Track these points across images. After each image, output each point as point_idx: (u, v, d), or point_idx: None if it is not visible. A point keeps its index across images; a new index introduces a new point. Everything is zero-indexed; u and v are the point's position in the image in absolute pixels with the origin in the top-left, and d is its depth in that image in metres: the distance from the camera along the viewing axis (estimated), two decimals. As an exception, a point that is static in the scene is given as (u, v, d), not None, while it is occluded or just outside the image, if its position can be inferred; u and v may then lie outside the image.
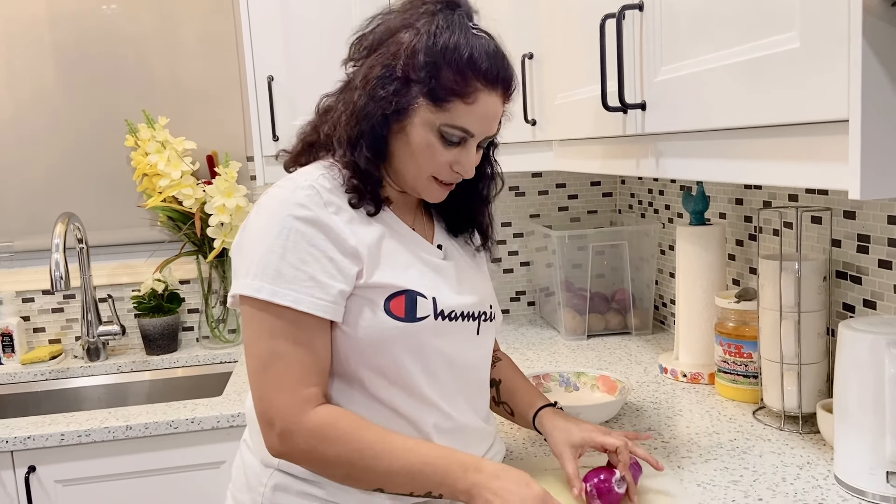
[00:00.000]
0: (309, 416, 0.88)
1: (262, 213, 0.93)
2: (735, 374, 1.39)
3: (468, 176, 1.00)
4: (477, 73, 0.93)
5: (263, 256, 0.89)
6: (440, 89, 0.92)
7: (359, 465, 0.89)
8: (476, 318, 1.03)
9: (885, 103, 0.61)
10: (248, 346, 0.92)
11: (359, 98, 0.94)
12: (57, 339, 2.12)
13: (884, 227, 1.18)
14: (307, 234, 0.90)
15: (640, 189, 2.10)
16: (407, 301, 0.94)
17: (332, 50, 1.77)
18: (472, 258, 1.11)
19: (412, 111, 0.93)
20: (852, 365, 1.00)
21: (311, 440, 0.88)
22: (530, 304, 2.29)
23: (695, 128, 0.90)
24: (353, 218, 0.94)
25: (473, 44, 0.93)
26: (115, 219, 2.10)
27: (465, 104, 0.93)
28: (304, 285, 0.89)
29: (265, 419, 0.90)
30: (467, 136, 0.96)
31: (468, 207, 1.08)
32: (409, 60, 0.92)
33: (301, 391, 0.89)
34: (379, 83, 0.93)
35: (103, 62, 2.06)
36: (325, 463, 0.90)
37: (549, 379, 1.47)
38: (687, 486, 1.06)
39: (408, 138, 0.95)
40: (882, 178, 0.62)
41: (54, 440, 1.50)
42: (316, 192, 0.92)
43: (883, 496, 0.98)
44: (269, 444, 0.90)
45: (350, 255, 0.92)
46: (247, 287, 0.89)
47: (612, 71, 1.07)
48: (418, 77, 0.92)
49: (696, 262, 1.53)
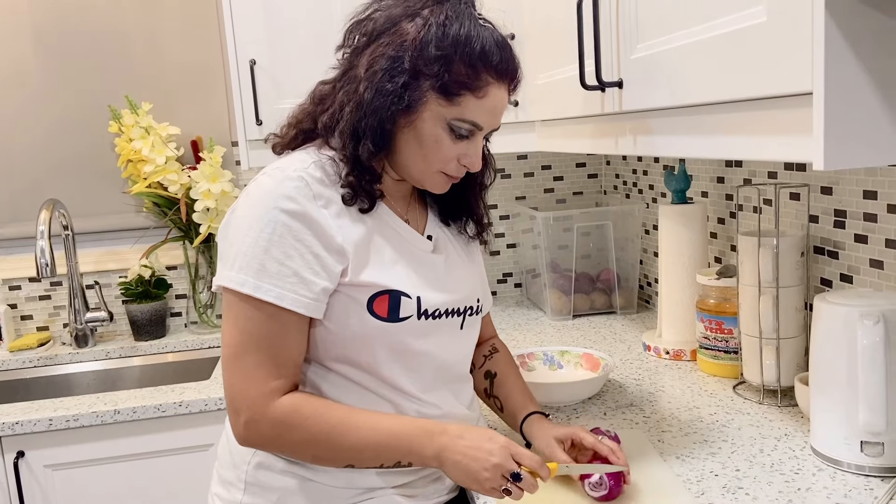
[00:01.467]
0: (274, 406, 0.90)
1: (249, 202, 0.91)
2: (716, 350, 1.41)
3: (475, 169, 0.98)
4: (488, 66, 0.91)
5: (249, 248, 0.89)
6: (452, 83, 0.90)
7: (325, 445, 0.90)
8: (461, 313, 1.03)
9: (848, 75, 0.62)
10: (224, 333, 0.92)
11: (364, 90, 0.91)
12: (45, 327, 2.12)
13: (859, 202, 1.20)
14: (293, 229, 0.89)
15: (625, 169, 2.12)
16: (391, 301, 0.94)
17: (314, 33, 1.77)
18: (465, 248, 1.09)
19: (421, 106, 0.91)
20: (827, 337, 1.02)
21: (277, 428, 0.90)
22: (517, 286, 2.30)
23: (669, 104, 0.91)
24: (342, 211, 0.93)
25: (483, 35, 0.91)
26: (100, 205, 2.10)
27: (475, 98, 0.92)
28: (288, 281, 0.88)
29: (232, 407, 0.91)
30: (476, 130, 0.95)
31: (463, 195, 1.07)
32: (418, 53, 0.90)
33: (269, 383, 0.90)
34: (386, 75, 0.90)
35: (85, 47, 2.05)
36: (292, 447, 0.92)
37: (534, 358, 1.48)
38: (669, 463, 1.08)
39: (416, 132, 0.93)
40: (845, 148, 0.63)
41: (42, 425, 1.50)
42: (305, 183, 0.90)
43: (858, 465, 1.00)
44: (235, 431, 0.92)
45: (335, 253, 0.91)
46: (230, 280, 0.89)
47: (589, 50, 1.08)
48: (430, 70, 0.90)
49: (678, 240, 1.55)
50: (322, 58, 1.82)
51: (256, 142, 1.77)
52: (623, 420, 1.24)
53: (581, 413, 1.29)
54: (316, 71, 1.04)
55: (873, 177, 1.16)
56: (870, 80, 0.63)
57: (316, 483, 0.96)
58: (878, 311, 0.96)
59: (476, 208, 1.09)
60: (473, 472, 0.90)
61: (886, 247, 1.15)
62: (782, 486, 0.98)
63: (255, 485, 0.98)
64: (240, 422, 0.90)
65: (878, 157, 0.64)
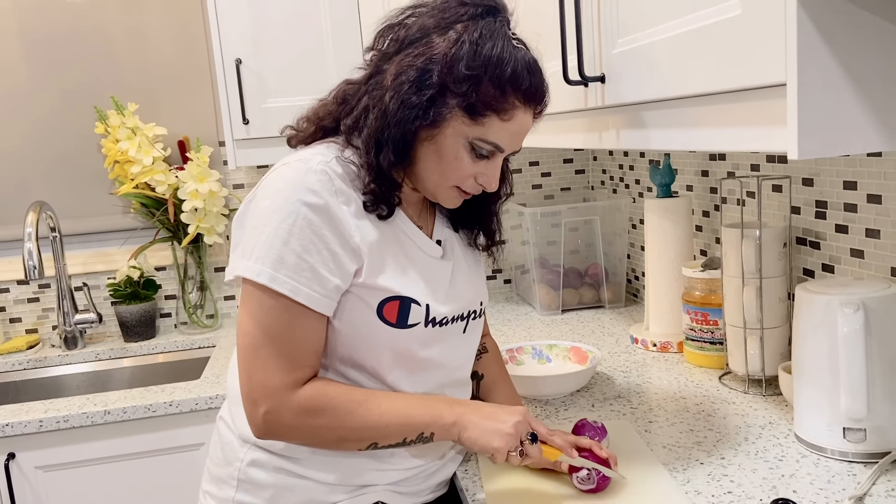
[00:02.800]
0: (297, 394, 0.90)
1: (270, 192, 0.90)
2: (702, 342, 1.43)
3: (491, 189, 0.97)
4: (517, 90, 0.90)
5: (268, 238, 0.88)
6: (478, 104, 0.89)
7: (350, 426, 0.91)
8: (465, 318, 1.03)
9: (821, 66, 0.63)
10: (242, 322, 0.91)
11: (390, 100, 0.89)
12: (34, 329, 2.12)
13: (840, 193, 1.21)
14: (314, 223, 0.88)
15: (612, 165, 2.13)
16: (401, 307, 0.94)
17: (300, 31, 1.78)
18: (471, 252, 1.09)
19: (445, 122, 0.90)
20: (808, 326, 1.04)
21: (301, 415, 0.90)
22: (507, 282, 2.31)
23: (650, 98, 0.92)
24: (360, 210, 0.92)
25: (516, 57, 0.90)
26: (87, 207, 2.09)
27: (500, 120, 0.91)
28: (304, 276, 0.88)
29: (250, 398, 0.90)
30: (497, 151, 0.94)
31: (476, 206, 1.05)
32: (447, 69, 0.88)
33: (291, 373, 0.90)
34: (413, 87, 0.88)
35: (70, 48, 2.04)
36: (315, 433, 0.91)
37: (522, 352, 1.49)
38: (656, 452, 1.09)
39: (436, 147, 0.92)
40: (819, 138, 0.64)
41: (33, 427, 1.50)
42: (328, 177, 0.90)
43: (841, 452, 1.02)
44: (253, 423, 0.91)
45: (351, 252, 0.91)
46: (247, 269, 0.89)
47: (571, 45, 1.09)
48: (458, 89, 0.88)
49: (663, 233, 1.56)
50: (308, 57, 1.83)
51: (243, 141, 1.77)
52: (611, 411, 1.25)
53: (569, 405, 1.30)
54: (302, 70, 1.04)
55: (853, 167, 1.18)
56: (843, 70, 0.64)
57: (309, 480, 0.97)
58: (858, 300, 0.98)
59: (488, 221, 1.08)
60: (496, 430, 0.92)
61: (866, 236, 1.17)
62: (766, 473, 1.00)
63: (247, 482, 0.98)
64: (258, 413, 0.90)
65: (852, 146, 0.65)
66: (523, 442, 0.94)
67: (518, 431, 0.93)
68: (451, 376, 1.03)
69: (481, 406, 0.97)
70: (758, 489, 0.96)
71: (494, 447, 0.92)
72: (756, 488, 0.96)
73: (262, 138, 1.77)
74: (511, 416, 0.94)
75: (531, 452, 0.94)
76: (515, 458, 0.94)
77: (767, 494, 0.94)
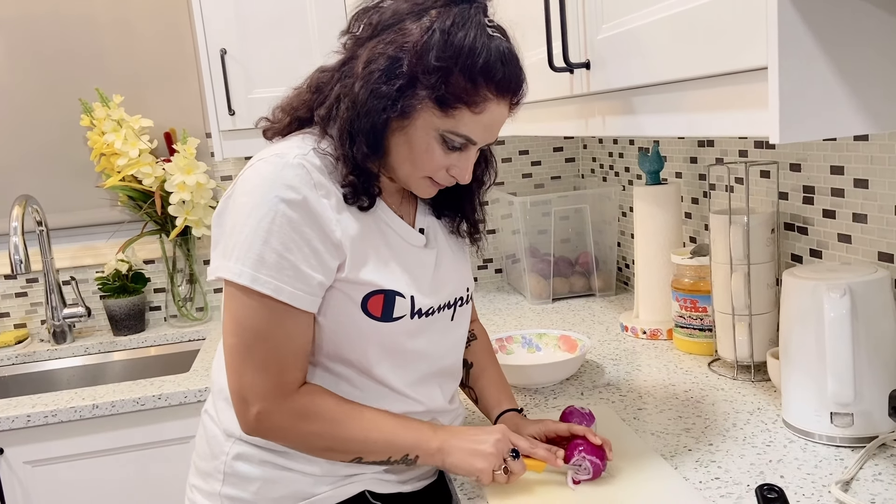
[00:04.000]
0: (293, 398, 0.90)
1: (247, 189, 0.88)
2: (691, 329, 1.43)
3: (464, 181, 0.95)
4: (489, 82, 0.87)
5: (247, 238, 0.86)
6: (448, 96, 0.86)
7: (340, 437, 0.91)
8: (451, 305, 1.03)
9: (802, 49, 0.63)
10: (228, 322, 0.90)
11: (360, 89, 0.87)
12: (22, 324, 2.10)
13: (827, 178, 1.21)
14: (293, 220, 0.86)
15: (601, 153, 2.12)
16: (385, 301, 0.93)
17: (285, 21, 1.76)
18: (454, 239, 1.08)
19: (415, 113, 0.88)
20: (796, 311, 1.04)
21: (293, 419, 0.90)
22: (497, 272, 2.31)
23: (635, 83, 0.91)
24: (341, 203, 0.90)
25: (489, 47, 0.87)
26: (74, 200, 2.08)
27: (472, 113, 0.88)
28: (286, 274, 0.87)
29: (240, 397, 0.89)
30: (469, 144, 0.92)
31: (457, 193, 1.03)
32: (418, 59, 0.85)
33: (284, 375, 0.89)
34: (382, 77, 0.86)
35: (54, 40, 2.02)
36: (304, 438, 0.92)
37: (512, 341, 1.49)
38: (644, 439, 1.09)
39: (407, 138, 0.90)
40: (800, 121, 0.63)
41: (21, 422, 1.50)
42: (306, 171, 0.87)
43: (828, 437, 1.02)
44: (243, 421, 0.90)
45: (333, 247, 0.89)
46: (227, 270, 0.87)
47: (556, 31, 1.08)
48: (427, 80, 0.86)
49: (652, 221, 1.56)
50: (293, 46, 1.81)
51: (230, 132, 1.76)
52: (600, 399, 1.25)
53: (559, 394, 1.30)
54: (287, 60, 1.01)
55: (840, 152, 1.17)
56: (824, 53, 0.63)
57: (295, 472, 0.96)
58: (845, 284, 0.98)
59: (469, 209, 1.06)
60: (478, 452, 0.93)
61: (854, 221, 1.17)
62: (754, 458, 1.00)
63: (233, 476, 0.98)
64: (250, 412, 0.89)
65: (834, 129, 0.65)
66: (506, 459, 0.94)
67: (499, 451, 0.94)
68: (439, 364, 1.02)
69: (462, 430, 0.97)
70: (745, 475, 0.96)
71: (478, 469, 0.93)
72: (743, 474, 0.96)
73: (248, 129, 1.75)
74: (491, 435, 0.95)
75: (514, 468, 0.95)
76: (501, 477, 0.94)
77: (755, 480, 0.94)
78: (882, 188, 1.10)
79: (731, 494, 0.91)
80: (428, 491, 1.06)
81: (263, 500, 0.96)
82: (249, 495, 0.97)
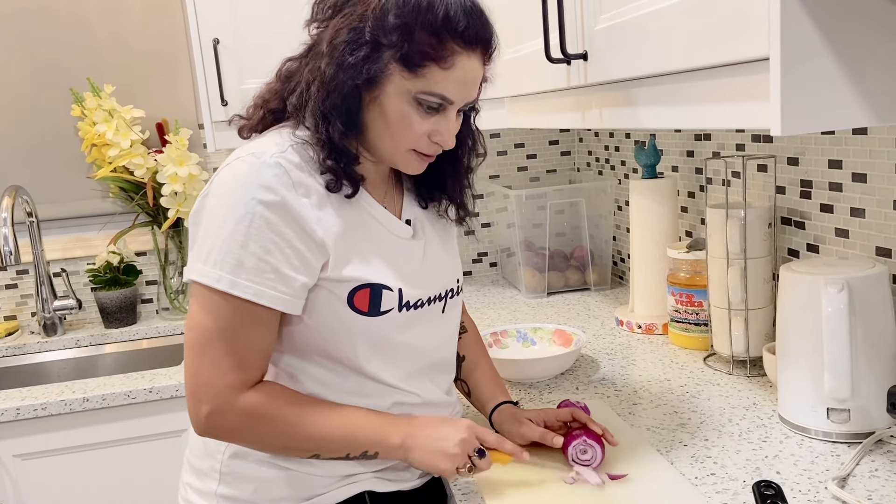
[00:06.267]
0: (244, 397, 0.87)
1: (223, 191, 0.86)
2: (687, 323, 1.42)
3: (448, 146, 0.92)
4: (453, 33, 0.85)
5: (224, 242, 0.84)
6: (414, 54, 0.84)
7: (293, 435, 0.89)
8: (442, 298, 1.01)
9: (805, 39, 0.61)
10: (190, 317, 0.88)
11: (326, 66, 0.85)
12: (12, 316, 2.08)
13: (825, 172, 1.20)
14: (272, 222, 0.84)
15: (597, 146, 2.11)
16: (372, 295, 0.91)
17: (279, 9, 1.73)
18: (442, 228, 1.05)
19: (385, 79, 0.85)
20: (793, 306, 1.03)
21: (245, 419, 0.88)
22: (492, 265, 2.30)
23: (632, 75, 0.90)
24: (322, 200, 0.88)
25: (448, 1, 0.85)
26: (65, 191, 2.05)
27: (441, 69, 0.85)
28: (267, 277, 0.85)
29: (194, 395, 0.87)
30: (445, 104, 0.89)
31: (442, 176, 1.01)
32: (378, 22, 0.84)
33: (238, 374, 0.87)
34: (347, 49, 0.84)
35: (44, 28, 1.99)
36: (257, 438, 0.90)
37: (507, 335, 1.48)
38: (641, 432, 1.08)
39: (381, 109, 0.87)
40: (801, 113, 0.62)
41: (10, 415, 1.48)
42: (284, 170, 0.85)
43: (825, 432, 1.01)
44: (194, 420, 0.88)
45: (316, 247, 0.87)
46: (204, 275, 0.85)
47: (553, 22, 1.07)
48: (389, 41, 0.84)
49: (648, 214, 1.55)
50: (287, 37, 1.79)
51: (222, 123, 1.74)
52: (595, 393, 1.25)
53: (553, 388, 1.29)
54: (281, 49, 1.00)
55: (838, 146, 1.17)
56: (826, 44, 0.62)
57: (294, 472, 0.94)
58: (843, 279, 0.97)
59: (455, 192, 1.03)
60: (442, 451, 0.91)
61: (851, 215, 1.16)
62: (750, 454, 0.99)
63: (230, 475, 0.96)
64: (201, 411, 0.87)
65: (836, 121, 0.64)
66: (471, 457, 0.92)
67: (463, 450, 0.92)
68: (432, 358, 1.01)
69: (428, 423, 0.94)
70: (741, 470, 0.95)
71: (442, 469, 0.92)
72: (739, 470, 0.95)
73: (241, 120, 1.73)
74: (457, 432, 0.92)
75: (480, 465, 0.93)
76: (465, 474, 0.93)
77: (751, 476, 0.93)
78: (881, 182, 1.09)
79: (727, 490, 0.91)
80: (424, 489, 1.05)
81: (261, 500, 0.95)
82: (246, 495, 0.95)
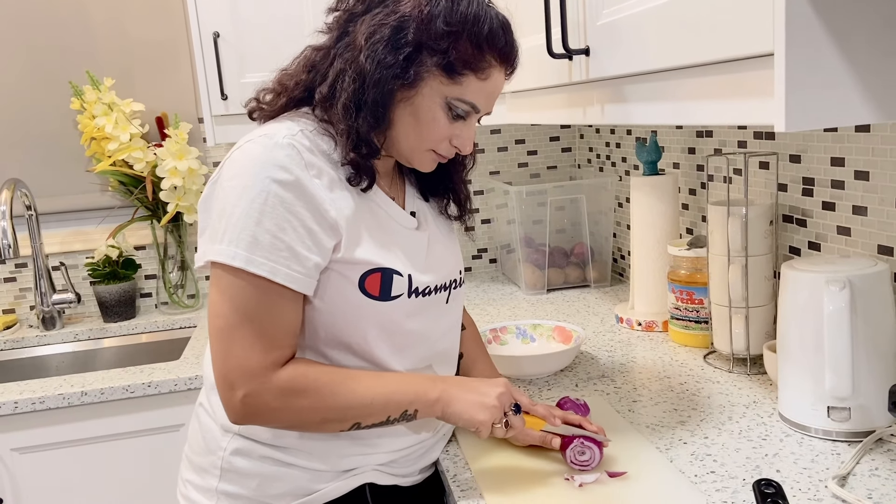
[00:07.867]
0: (278, 375, 0.86)
1: (236, 171, 0.86)
2: (687, 321, 1.42)
3: (466, 151, 0.96)
4: (493, 48, 0.90)
5: (239, 220, 0.84)
6: (457, 62, 0.88)
7: (333, 405, 0.88)
8: (447, 288, 1.01)
9: (809, 35, 0.61)
10: (212, 304, 0.88)
11: (366, 60, 0.86)
12: (11, 310, 2.08)
13: (827, 170, 1.19)
14: (286, 200, 0.84)
15: (598, 142, 2.11)
16: (383, 279, 0.91)
17: (278, 4, 1.73)
18: (444, 222, 1.07)
19: (422, 81, 0.88)
20: (794, 304, 1.02)
21: (282, 396, 0.87)
22: (492, 262, 2.29)
23: (635, 70, 0.90)
24: (334, 182, 0.89)
25: (491, 15, 0.90)
26: (64, 185, 2.05)
27: (478, 79, 0.90)
28: (282, 255, 0.85)
29: (227, 382, 0.86)
30: (473, 111, 0.93)
31: (447, 173, 1.04)
32: (423, 26, 0.86)
33: (269, 354, 0.86)
34: (388, 47, 0.86)
35: (43, 21, 1.98)
36: (298, 414, 0.88)
37: (506, 332, 1.48)
38: (640, 430, 1.08)
39: (413, 108, 0.90)
40: (806, 109, 0.62)
41: (8, 408, 1.48)
42: (297, 151, 0.86)
43: (825, 431, 1.01)
44: (230, 408, 0.87)
45: (329, 228, 0.87)
46: (220, 253, 0.85)
47: (556, 16, 1.06)
48: (436, 46, 0.87)
49: (649, 211, 1.55)
50: (287, 31, 1.78)
51: (222, 117, 1.73)
52: (594, 391, 1.24)
53: (553, 385, 1.28)
54: (282, 44, 1.00)
55: (841, 143, 1.16)
56: (831, 39, 0.62)
57: (295, 468, 0.94)
58: (844, 277, 0.96)
59: (458, 189, 1.06)
60: (481, 403, 0.93)
61: (853, 213, 1.15)
62: (750, 452, 0.99)
63: (231, 472, 0.95)
64: (236, 397, 0.86)
65: (840, 117, 0.63)
66: (507, 413, 0.94)
67: (501, 403, 0.94)
68: (436, 348, 1.01)
69: (464, 380, 0.96)
70: (741, 469, 0.95)
71: (479, 420, 0.92)
72: (739, 468, 0.95)
73: (241, 114, 1.71)
74: (494, 388, 0.95)
75: (514, 423, 0.95)
76: (500, 430, 0.94)
77: (751, 474, 0.93)
78: (883, 180, 1.09)
79: (726, 489, 0.90)
80: (423, 485, 1.04)
81: (263, 496, 0.94)
82: (248, 492, 0.94)
